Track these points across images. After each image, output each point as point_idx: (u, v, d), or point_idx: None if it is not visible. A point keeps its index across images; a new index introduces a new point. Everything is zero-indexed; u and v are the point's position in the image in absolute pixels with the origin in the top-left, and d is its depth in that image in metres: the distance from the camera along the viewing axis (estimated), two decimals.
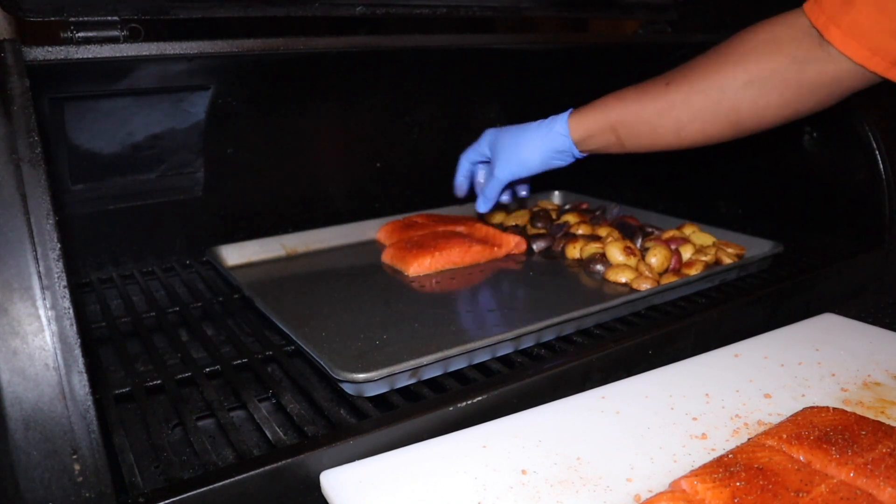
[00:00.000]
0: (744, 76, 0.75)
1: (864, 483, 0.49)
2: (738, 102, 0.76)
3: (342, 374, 0.64)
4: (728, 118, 0.77)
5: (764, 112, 0.76)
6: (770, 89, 0.74)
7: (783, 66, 0.73)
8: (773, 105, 0.75)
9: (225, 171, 1.01)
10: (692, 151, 0.87)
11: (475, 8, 1.01)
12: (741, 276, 0.94)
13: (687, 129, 0.80)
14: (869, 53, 0.68)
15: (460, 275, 0.96)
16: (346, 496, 0.51)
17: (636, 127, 0.82)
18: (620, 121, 0.82)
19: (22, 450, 0.46)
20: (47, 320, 0.48)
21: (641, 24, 1.26)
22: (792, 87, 0.74)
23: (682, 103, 0.78)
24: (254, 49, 0.85)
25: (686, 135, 0.80)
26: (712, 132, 0.79)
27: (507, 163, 0.90)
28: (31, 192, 0.51)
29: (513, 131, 0.91)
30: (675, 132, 0.80)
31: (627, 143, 0.84)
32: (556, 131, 0.86)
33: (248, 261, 1.00)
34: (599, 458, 0.56)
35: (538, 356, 0.73)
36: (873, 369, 0.69)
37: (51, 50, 0.72)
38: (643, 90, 0.82)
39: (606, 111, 0.84)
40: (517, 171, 0.90)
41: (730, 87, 0.76)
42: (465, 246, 0.99)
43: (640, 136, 0.83)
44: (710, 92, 0.77)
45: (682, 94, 0.78)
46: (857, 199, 1.06)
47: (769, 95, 0.75)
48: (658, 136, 0.82)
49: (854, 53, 0.68)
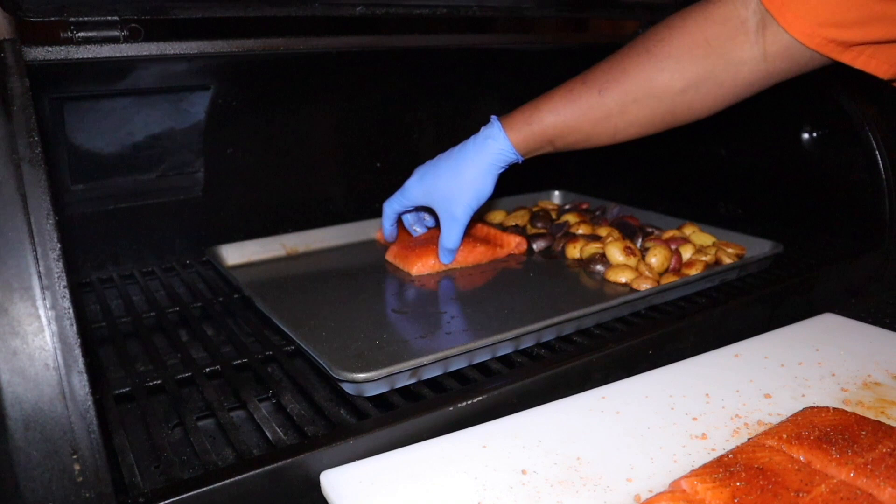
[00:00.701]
0: (680, 83, 0.74)
1: (864, 483, 0.49)
2: (673, 107, 0.77)
3: (342, 373, 0.64)
4: (664, 120, 0.78)
5: (698, 110, 0.77)
6: (705, 93, 0.75)
7: (719, 68, 0.73)
8: (707, 105, 0.76)
9: (225, 171, 1.01)
10: (692, 152, 0.87)
11: (475, 8, 1.01)
12: (741, 276, 0.94)
13: (622, 133, 0.80)
14: (824, 41, 0.67)
15: (461, 274, 0.96)
16: (346, 496, 0.51)
17: (573, 136, 0.82)
18: (557, 133, 0.82)
19: (22, 450, 0.46)
20: (47, 320, 0.48)
21: (641, 24, 1.26)
22: (726, 86, 0.74)
23: (619, 113, 0.78)
24: (254, 49, 0.85)
25: (621, 137, 0.81)
26: (647, 132, 0.81)
27: (461, 201, 0.86)
28: (31, 192, 0.51)
29: (449, 168, 0.86)
30: (611, 136, 0.81)
31: (561, 148, 0.84)
32: (503, 150, 0.84)
33: (248, 261, 1.00)
34: (599, 458, 0.56)
35: (538, 356, 0.73)
36: (873, 369, 0.69)
37: (51, 50, 0.72)
38: (575, 98, 0.80)
39: (542, 124, 0.82)
40: (475, 203, 0.87)
41: (666, 94, 0.76)
42: (469, 246, 0.99)
43: (577, 143, 0.83)
44: (646, 100, 0.77)
45: (618, 104, 0.78)
46: (856, 199, 1.06)
47: (704, 98, 0.75)
48: (594, 141, 0.82)
49: (810, 41, 0.68)
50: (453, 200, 0.86)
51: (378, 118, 1.14)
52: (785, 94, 0.87)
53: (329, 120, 1.11)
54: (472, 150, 0.85)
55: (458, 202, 0.86)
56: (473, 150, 0.85)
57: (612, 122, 0.79)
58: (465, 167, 0.85)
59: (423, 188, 0.89)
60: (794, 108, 1.13)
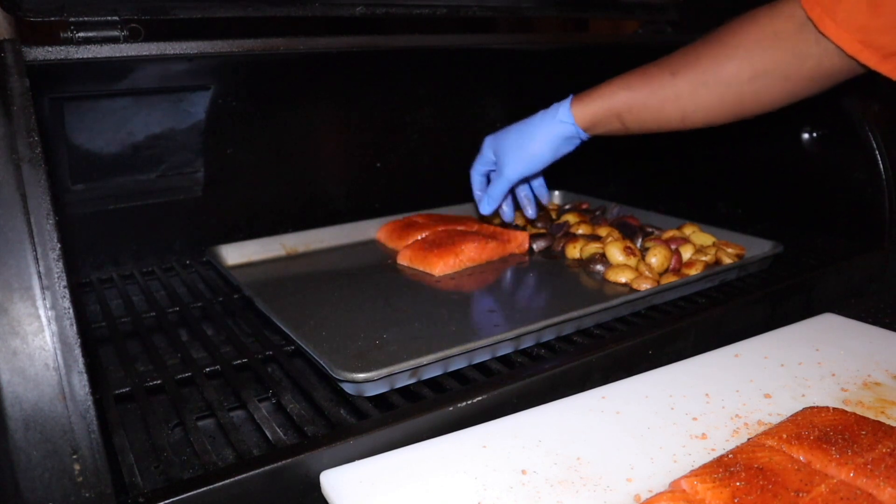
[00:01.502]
0: (748, 71, 0.77)
1: (864, 483, 0.49)
2: (742, 95, 0.79)
3: (342, 373, 0.64)
4: (732, 108, 0.81)
5: (766, 101, 0.80)
6: (772, 82, 0.77)
7: (784, 61, 0.75)
8: (774, 95, 0.79)
9: (225, 171, 1.01)
10: (693, 152, 0.88)
11: (475, 8, 1.01)
12: (741, 276, 0.94)
13: (691, 117, 0.82)
14: (861, 46, 0.69)
15: (460, 274, 0.96)
16: (346, 496, 0.51)
17: (642, 114, 0.84)
18: (627, 109, 0.84)
19: (22, 450, 0.46)
20: (47, 320, 0.48)
21: (641, 24, 1.26)
22: (793, 79, 0.77)
23: (689, 95, 0.81)
24: (254, 49, 0.85)
25: (690, 122, 0.83)
26: (715, 119, 0.83)
27: (516, 160, 0.91)
28: (31, 192, 0.51)
29: (515, 129, 0.92)
30: (679, 119, 0.83)
31: (632, 128, 0.86)
32: (560, 120, 0.87)
33: (248, 260, 1.00)
34: (599, 458, 0.56)
35: (538, 356, 0.73)
36: (873, 369, 0.69)
37: (51, 50, 0.72)
38: (648, 78, 0.83)
39: (611, 99, 0.85)
40: (528, 166, 0.91)
41: (735, 81, 0.78)
42: (482, 243, 1.00)
43: (645, 122, 0.85)
44: (715, 86, 0.79)
45: (689, 86, 0.80)
46: (856, 199, 1.06)
47: (772, 88, 0.78)
48: (662, 122, 0.84)
49: (847, 45, 0.70)
50: (509, 160, 0.92)
51: (378, 118, 1.14)
52: None
53: (329, 120, 1.11)
54: (538, 119, 0.90)
55: (511, 162, 0.91)
56: (540, 118, 0.90)
57: (682, 104, 0.81)
58: (528, 131, 0.90)
59: (492, 148, 0.94)
60: (794, 108, 1.12)
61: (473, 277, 0.95)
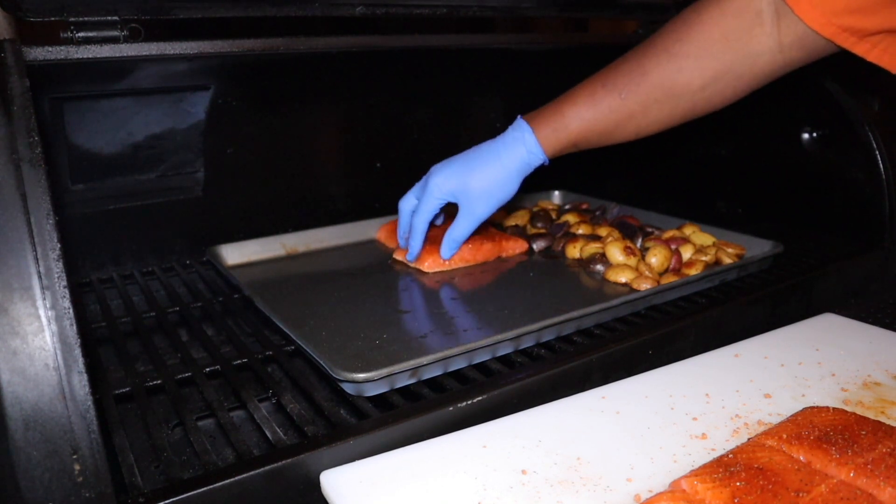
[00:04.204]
0: (699, 81, 0.76)
1: (864, 483, 0.49)
2: (693, 104, 0.78)
3: (342, 373, 0.64)
4: (684, 116, 0.81)
5: (718, 103, 0.79)
6: (725, 85, 0.76)
7: (737, 62, 0.74)
8: (726, 97, 0.78)
9: (225, 171, 1.01)
10: (692, 152, 0.88)
11: (475, 8, 1.01)
12: (741, 276, 0.94)
13: (644, 130, 0.82)
14: (837, 29, 0.68)
15: (460, 274, 0.96)
16: (346, 496, 0.51)
17: (596, 138, 0.84)
18: (582, 137, 0.83)
19: (22, 450, 0.46)
20: (47, 320, 0.48)
21: (641, 24, 1.26)
22: (745, 79, 0.76)
23: (641, 113, 0.80)
24: (254, 49, 0.85)
25: (643, 134, 0.83)
26: (668, 126, 0.82)
27: (488, 197, 0.86)
28: (31, 192, 0.50)
29: (480, 165, 0.86)
30: (633, 134, 0.83)
31: (584, 148, 0.86)
32: (529, 151, 0.84)
33: (248, 260, 1.00)
34: (599, 458, 0.56)
35: (538, 356, 0.73)
36: (873, 369, 0.69)
37: (51, 50, 0.72)
38: (598, 101, 0.81)
39: (567, 129, 0.83)
40: (497, 203, 0.87)
41: (686, 92, 0.77)
42: (477, 244, 1.00)
43: (600, 143, 0.85)
44: (667, 101, 0.78)
45: (639, 106, 0.79)
46: (856, 199, 1.06)
47: (724, 90, 0.77)
48: (616, 140, 0.84)
49: (822, 28, 0.68)
50: (479, 198, 0.87)
51: (378, 118, 1.14)
52: (785, 94, 0.87)
53: (329, 120, 1.11)
54: (502, 151, 0.86)
55: (483, 200, 0.87)
56: (504, 151, 0.86)
57: (635, 122, 0.81)
58: (495, 167, 0.86)
59: (451, 184, 0.87)
60: (794, 108, 1.13)
61: (473, 277, 0.95)
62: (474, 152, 0.88)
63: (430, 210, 0.89)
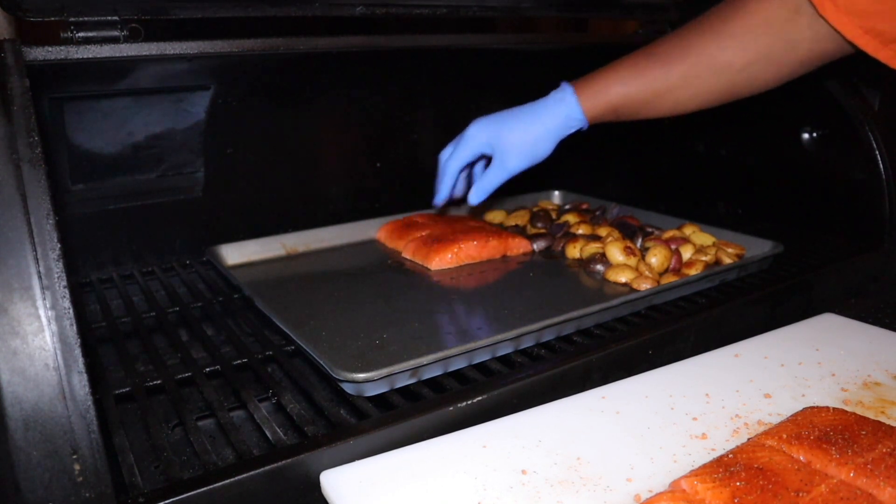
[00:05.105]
0: (741, 61, 0.78)
1: (864, 483, 0.49)
2: (734, 82, 0.80)
3: (342, 373, 0.64)
4: (723, 94, 0.82)
5: (757, 86, 0.81)
6: (764, 69, 0.78)
7: (777, 47, 0.76)
8: (767, 79, 0.80)
9: (225, 171, 1.01)
10: (692, 152, 0.88)
11: (475, 8, 1.01)
12: (741, 276, 0.94)
13: (684, 105, 0.84)
14: (861, 32, 0.69)
15: (460, 274, 0.96)
16: (346, 496, 0.51)
17: (636, 107, 0.85)
18: (623, 103, 0.85)
19: (22, 450, 0.46)
20: (47, 320, 0.48)
21: (641, 23, 1.26)
22: (784, 64, 0.78)
23: (682, 87, 0.82)
24: (254, 49, 0.85)
25: (682, 109, 0.85)
26: (706, 104, 0.84)
27: (521, 152, 0.87)
28: (31, 192, 0.51)
29: (516, 118, 0.88)
30: (672, 107, 0.84)
31: (624, 118, 0.87)
32: (569, 114, 0.86)
33: (248, 260, 1.00)
34: (599, 458, 0.56)
35: (538, 356, 0.73)
36: (873, 369, 0.69)
37: (51, 50, 0.72)
38: (641, 71, 0.83)
39: (609, 94, 0.85)
40: (531, 159, 0.89)
41: (727, 70, 0.79)
42: (483, 240, 1.00)
43: (638, 113, 0.86)
44: (708, 76, 0.80)
45: (681, 78, 0.81)
46: (857, 199, 1.06)
47: (764, 73, 0.79)
48: (655, 112, 0.86)
49: (846, 30, 0.70)
50: (512, 152, 0.88)
51: (378, 118, 1.14)
52: (785, 94, 0.87)
53: (329, 120, 1.11)
54: (542, 110, 0.87)
55: (516, 154, 0.88)
56: (544, 110, 0.87)
57: (675, 95, 0.82)
58: (534, 124, 0.87)
59: (486, 135, 0.89)
60: (794, 108, 1.12)
61: (473, 277, 0.95)
62: (515, 110, 0.90)
63: (462, 157, 0.91)
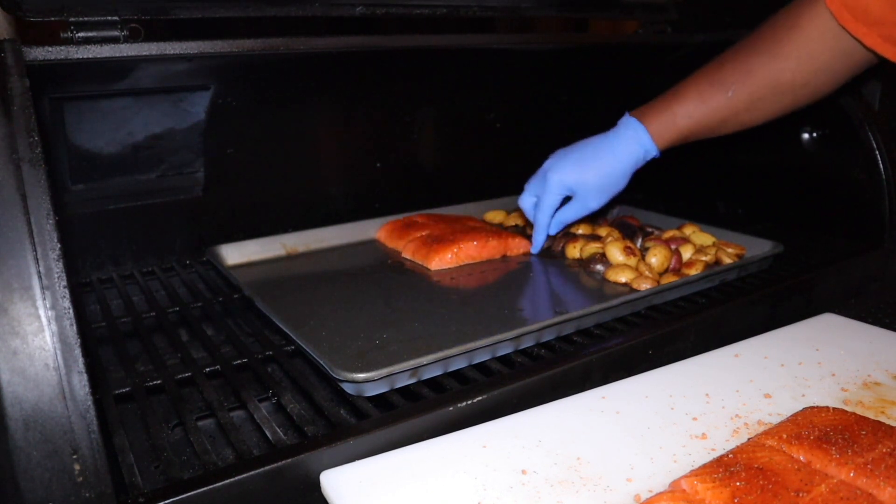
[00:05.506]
0: (802, 78, 0.80)
1: (864, 483, 0.49)
2: (797, 98, 0.83)
3: (342, 373, 0.64)
4: (787, 109, 0.85)
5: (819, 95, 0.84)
6: (825, 81, 0.81)
7: (835, 59, 0.78)
8: (828, 88, 0.83)
9: (225, 171, 1.01)
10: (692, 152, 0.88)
11: (475, 8, 1.01)
12: (741, 276, 0.94)
13: (750, 124, 0.87)
14: (880, 40, 0.71)
15: (460, 274, 0.96)
16: (346, 496, 0.51)
17: (704, 133, 0.88)
18: (691, 132, 0.88)
19: (22, 450, 0.46)
20: (47, 320, 0.48)
21: (641, 24, 1.26)
22: (841, 72, 0.80)
23: (746, 111, 0.85)
24: (254, 49, 0.85)
25: (748, 127, 0.88)
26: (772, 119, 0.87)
27: (602, 191, 0.91)
28: (31, 192, 0.51)
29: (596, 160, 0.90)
30: (737, 128, 0.88)
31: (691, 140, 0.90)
32: (648, 151, 0.89)
33: (248, 260, 1.00)
34: (599, 458, 0.56)
35: (538, 356, 0.73)
36: (873, 369, 0.69)
37: (51, 50, 0.72)
38: (707, 99, 0.85)
39: (677, 125, 0.87)
40: (609, 198, 0.92)
41: (790, 89, 0.82)
42: (483, 240, 1.00)
43: (706, 136, 0.89)
44: (771, 97, 0.83)
45: (745, 103, 0.84)
46: (857, 199, 1.06)
47: (825, 86, 0.82)
48: (722, 133, 0.89)
49: (867, 39, 0.72)
50: (593, 192, 0.91)
51: (378, 118, 1.14)
52: None
53: (329, 120, 1.11)
54: (618, 147, 0.89)
55: (596, 194, 0.91)
56: (620, 146, 0.89)
57: (740, 119, 0.86)
58: (611, 163, 0.90)
59: (568, 180, 0.91)
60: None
61: (473, 277, 0.95)
62: (589, 147, 0.91)
63: (551, 205, 0.94)
